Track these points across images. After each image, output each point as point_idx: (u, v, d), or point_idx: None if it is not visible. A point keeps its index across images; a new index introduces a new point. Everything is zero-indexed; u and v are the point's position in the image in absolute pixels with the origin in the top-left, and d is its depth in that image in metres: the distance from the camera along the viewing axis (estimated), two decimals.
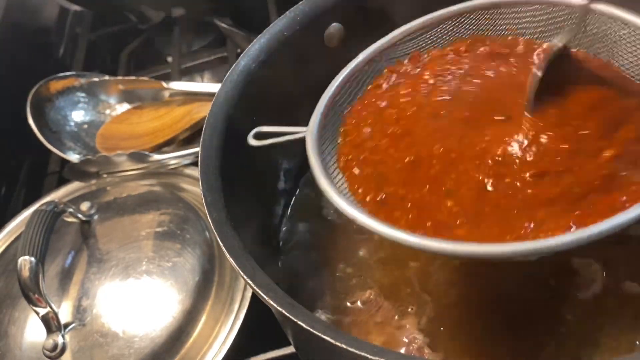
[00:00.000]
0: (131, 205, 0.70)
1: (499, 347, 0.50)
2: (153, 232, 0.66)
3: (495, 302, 0.53)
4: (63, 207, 0.64)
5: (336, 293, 0.57)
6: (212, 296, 0.61)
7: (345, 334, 0.36)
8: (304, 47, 0.60)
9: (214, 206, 0.46)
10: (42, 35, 1.19)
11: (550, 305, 0.52)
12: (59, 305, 0.61)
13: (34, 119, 0.86)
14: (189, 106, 0.87)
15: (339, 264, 0.59)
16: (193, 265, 0.62)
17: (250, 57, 0.57)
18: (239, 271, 0.41)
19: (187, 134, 0.85)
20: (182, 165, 0.78)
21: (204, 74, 1.06)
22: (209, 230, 0.66)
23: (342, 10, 0.61)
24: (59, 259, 0.65)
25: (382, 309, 0.55)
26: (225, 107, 0.54)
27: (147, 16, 1.18)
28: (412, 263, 0.57)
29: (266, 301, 0.39)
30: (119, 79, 0.92)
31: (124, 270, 0.62)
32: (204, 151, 0.50)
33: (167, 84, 0.88)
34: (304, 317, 0.38)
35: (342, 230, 0.62)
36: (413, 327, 0.53)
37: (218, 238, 0.43)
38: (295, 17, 0.59)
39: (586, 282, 0.52)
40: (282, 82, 0.59)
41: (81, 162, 0.77)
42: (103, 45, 1.19)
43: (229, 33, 1.02)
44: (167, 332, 0.58)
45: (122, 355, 0.57)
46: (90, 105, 0.92)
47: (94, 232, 0.67)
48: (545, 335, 0.50)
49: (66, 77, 0.91)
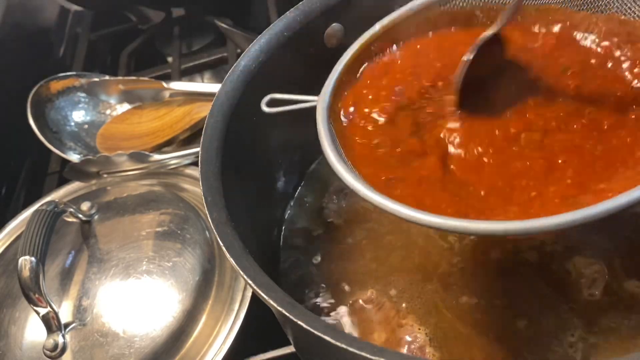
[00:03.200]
0: (131, 205, 0.70)
1: (500, 347, 0.50)
2: (153, 232, 0.66)
3: (497, 301, 0.53)
4: (63, 207, 0.64)
5: (337, 292, 0.57)
6: (212, 296, 0.61)
7: (345, 334, 0.36)
8: (304, 47, 0.60)
9: (214, 206, 0.46)
10: (42, 35, 1.19)
11: (552, 305, 0.52)
12: (60, 305, 0.61)
13: (35, 119, 0.86)
14: (189, 106, 0.87)
15: (339, 264, 0.60)
16: (193, 265, 0.62)
17: (250, 57, 0.57)
18: (239, 271, 0.41)
19: (188, 134, 0.85)
20: (182, 165, 0.78)
21: (204, 74, 1.06)
22: (209, 230, 0.66)
23: (342, 10, 0.61)
24: (59, 258, 0.65)
25: (383, 308, 0.55)
26: (226, 107, 0.54)
27: (147, 16, 1.18)
28: (413, 261, 0.57)
29: (266, 301, 0.39)
30: (119, 79, 0.92)
31: (125, 270, 0.62)
32: (204, 151, 0.50)
33: (167, 84, 0.88)
34: (304, 317, 0.38)
35: (342, 230, 0.62)
36: (415, 326, 0.53)
37: (218, 238, 0.43)
38: (295, 17, 0.59)
39: (588, 282, 0.52)
40: (282, 83, 0.59)
41: (81, 162, 0.77)
42: (103, 45, 1.19)
43: (229, 33, 1.02)
44: (167, 331, 0.58)
45: (123, 355, 0.57)
46: (90, 105, 0.92)
47: (95, 232, 0.67)
48: (546, 334, 0.50)
49: (66, 77, 0.92)
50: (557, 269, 0.54)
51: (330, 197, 0.66)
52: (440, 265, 0.57)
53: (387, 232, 0.60)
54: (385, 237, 0.60)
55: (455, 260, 0.56)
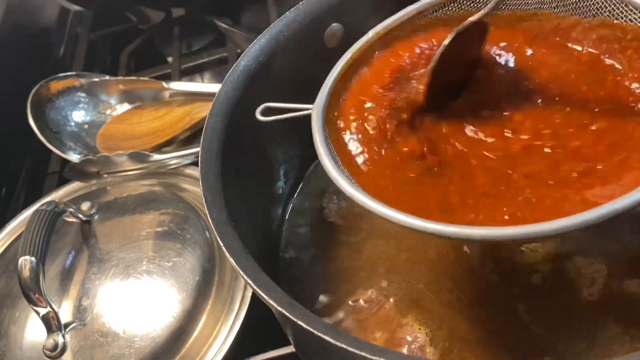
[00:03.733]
0: (131, 205, 0.70)
1: (501, 347, 0.50)
2: (153, 232, 0.66)
3: (497, 301, 0.53)
4: (63, 207, 0.64)
5: (337, 292, 0.57)
6: (212, 296, 0.61)
7: (345, 334, 0.36)
8: (304, 47, 0.60)
9: (214, 206, 0.46)
10: (42, 35, 1.19)
11: (553, 304, 0.52)
12: (60, 305, 0.61)
13: (35, 119, 0.86)
14: (189, 106, 0.87)
15: (339, 264, 0.60)
16: (193, 265, 0.62)
17: (250, 57, 0.57)
18: (239, 271, 0.41)
19: (188, 134, 0.85)
20: (182, 165, 0.78)
21: (204, 74, 1.06)
22: (209, 230, 0.66)
23: (342, 10, 0.61)
24: (59, 258, 0.65)
25: (383, 308, 0.55)
26: (226, 107, 0.54)
27: (147, 16, 1.18)
28: (414, 261, 0.57)
29: (266, 301, 0.39)
30: (119, 79, 0.92)
31: (125, 270, 0.62)
32: (204, 151, 0.50)
33: (167, 84, 0.88)
34: (304, 317, 0.38)
35: (342, 230, 0.62)
36: (415, 325, 0.53)
37: (218, 238, 0.43)
38: (295, 17, 0.59)
39: (588, 282, 0.52)
40: (282, 83, 0.59)
41: (81, 162, 0.77)
42: (103, 45, 1.19)
43: (229, 33, 1.02)
44: (167, 331, 0.58)
45: (123, 355, 0.57)
46: (90, 105, 0.92)
47: (95, 232, 0.67)
48: (546, 334, 0.50)
49: (66, 77, 0.92)
50: (557, 271, 0.54)
51: (330, 197, 0.66)
52: (441, 265, 0.57)
53: (387, 232, 0.60)
54: (386, 237, 0.60)
55: (457, 260, 0.56)
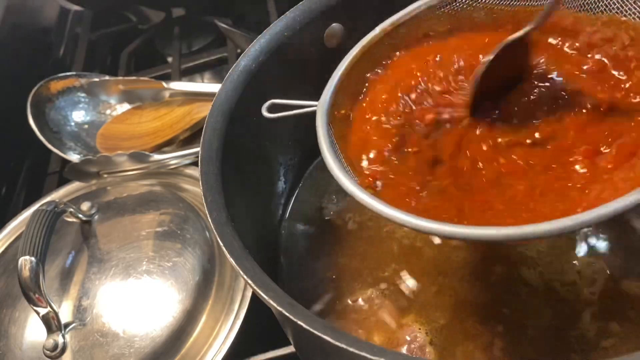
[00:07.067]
0: (131, 205, 0.70)
1: (501, 346, 0.50)
2: (153, 232, 0.66)
3: (497, 302, 0.53)
4: (63, 207, 0.64)
5: (337, 292, 0.57)
6: (212, 296, 0.61)
7: (346, 334, 0.36)
8: (304, 47, 0.60)
9: (214, 206, 0.46)
10: (42, 35, 1.19)
11: (553, 304, 0.52)
12: (60, 305, 0.61)
13: (35, 119, 0.86)
14: (189, 106, 0.87)
15: (339, 263, 0.60)
16: (193, 265, 0.63)
17: (250, 57, 0.57)
18: (239, 271, 0.41)
19: (188, 134, 0.85)
20: (182, 165, 0.78)
21: (204, 74, 1.06)
22: (209, 230, 0.66)
23: (342, 10, 0.61)
24: (59, 258, 0.65)
25: (383, 307, 0.55)
26: (226, 107, 0.54)
27: (147, 16, 1.18)
28: (414, 261, 0.58)
29: (266, 301, 0.39)
30: (119, 79, 0.92)
31: (125, 270, 0.63)
32: (204, 151, 0.50)
33: (167, 84, 0.88)
34: (304, 317, 0.38)
35: (341, 230, 0.62)
36: (415, 325, 0.53)
37: (218, 238, 0.43)
38: (295, 17, 0.59)
39: (588, 282, 0.52)
40: (282, 82, 0.59)
41: (81, 162, 0.77)
42: (103, 45, 1.19)
43: (229, 33, 1.02)
44: (167, 331, 0.58)
45: (123, 355, 0.57)
46: (90, 105, 0.92)
47: (95, 232, 0.67)
48: (547, 334, 0.50)
49: (66, 77, 0.92)
50: (557, 271, 0.54)
51: (329, 196, 0.66)
52: (441, 265, 0.57)
53: (388, 232, 0.60)
54: (386, 237, 0.60)
55: (457, 260, 0.56)
